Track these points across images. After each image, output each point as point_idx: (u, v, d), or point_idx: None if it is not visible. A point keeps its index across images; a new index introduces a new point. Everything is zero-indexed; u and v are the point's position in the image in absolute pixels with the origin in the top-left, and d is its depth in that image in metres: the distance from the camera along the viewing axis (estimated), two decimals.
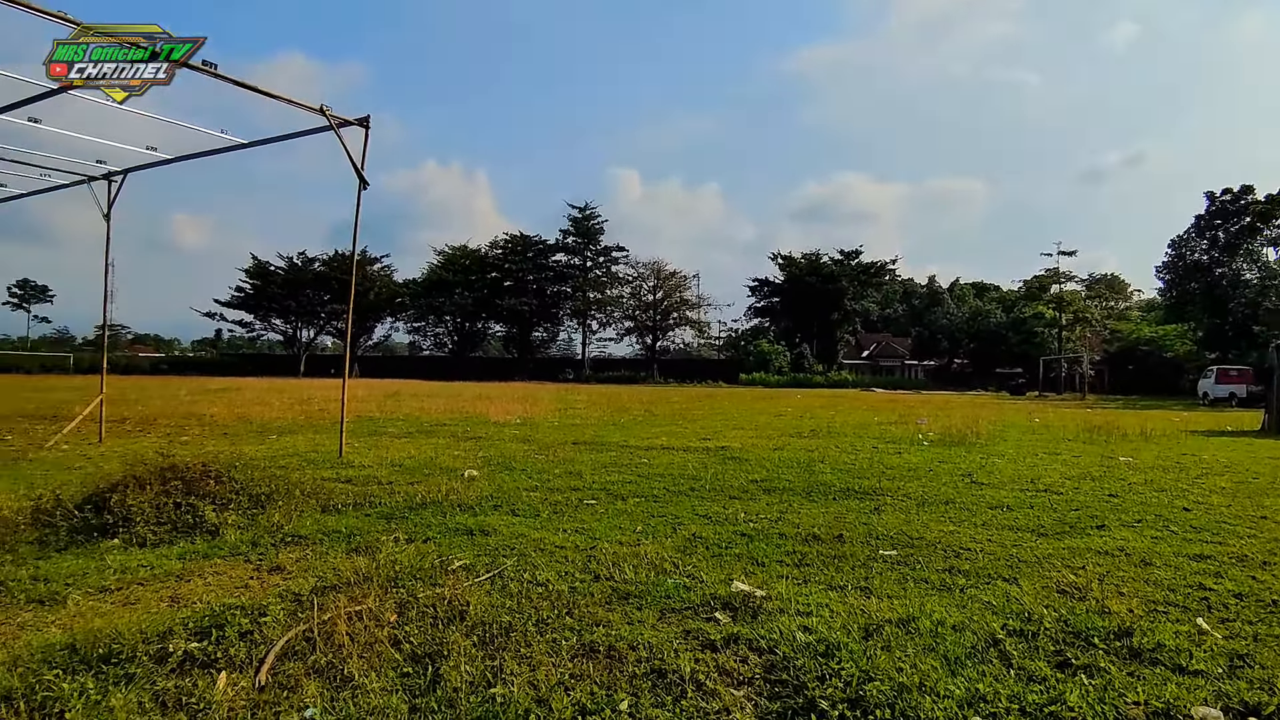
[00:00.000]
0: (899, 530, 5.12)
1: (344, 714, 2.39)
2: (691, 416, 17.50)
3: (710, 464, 8.48)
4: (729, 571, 4.04)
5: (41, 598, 3.50)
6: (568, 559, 4.25)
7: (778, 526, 5.21)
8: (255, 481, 5.58)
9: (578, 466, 8.11)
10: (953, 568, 4.19)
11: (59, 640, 2.89)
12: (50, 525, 4.70)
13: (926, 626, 3.11)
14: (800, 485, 7.02)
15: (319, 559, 4.21)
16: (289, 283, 71.20)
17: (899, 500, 6.33)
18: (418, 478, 7.06)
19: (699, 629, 3.14)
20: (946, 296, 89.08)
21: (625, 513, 5.69)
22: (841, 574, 4.05)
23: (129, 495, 4.85)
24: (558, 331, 77.00)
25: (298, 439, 10.66)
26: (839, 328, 71.01)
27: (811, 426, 14.51)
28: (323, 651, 2.81)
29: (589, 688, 2.58)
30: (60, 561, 4.08)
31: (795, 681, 2.62)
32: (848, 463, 8.76)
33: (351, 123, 8.01)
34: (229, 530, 4.73)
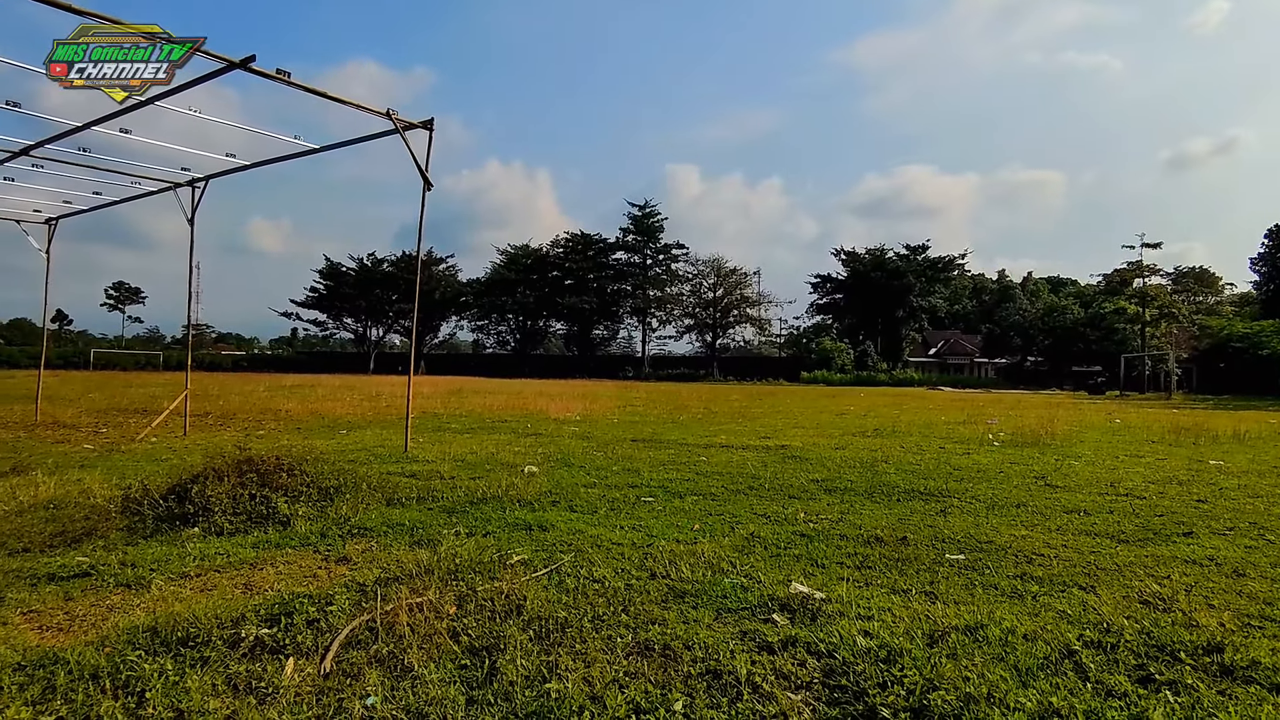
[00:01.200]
0: (967, 534, 4.94)
1: (404, 703, 2.43)
2: (751, 414, 17.32)
3: (770, 462, 8.37)
4: (788, 572, 3.96)
5: (129, 582, 3.70)
6: (624, 556, 4.25)
7: (839, 527, 5.09)
8: (324, 475, 5.78)
9: (636, 464, 8.12)
10: (1024, 574, 4.01)
11: (143, 623, 3.04)
12: (138, 513, 4.97)
13: (996, 635, 2.98)
14: (863, 485, 6.86)
15: (383, 551, 4.33)
16: (359, 283, 73.77)
17: (967, 503, 6.10)
18: (479, 473, 7.18)
19: (756, 630, 3.08)
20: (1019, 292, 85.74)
21: (683, 511, 5.65)
22: (905, 578, 3.92)
23: (208, 486, 5.09)
24: (618, 329, 77.46)
25: (366, 434, 11.00)
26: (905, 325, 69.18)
27: (875, 425, 14.17)
28: (384, 641, 2.87)
29: (644, 686, 2.56)
30: (146, 548, 4.30)
31: (855, 687, 2.55)
32: (913, 463, 8.51)
33: (416, 125, 8.20)
34: (299, 521, 4.91)
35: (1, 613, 3.25)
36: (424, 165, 8.28)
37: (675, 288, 74.84)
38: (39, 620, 3.20)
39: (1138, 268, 55.90)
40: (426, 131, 8.28)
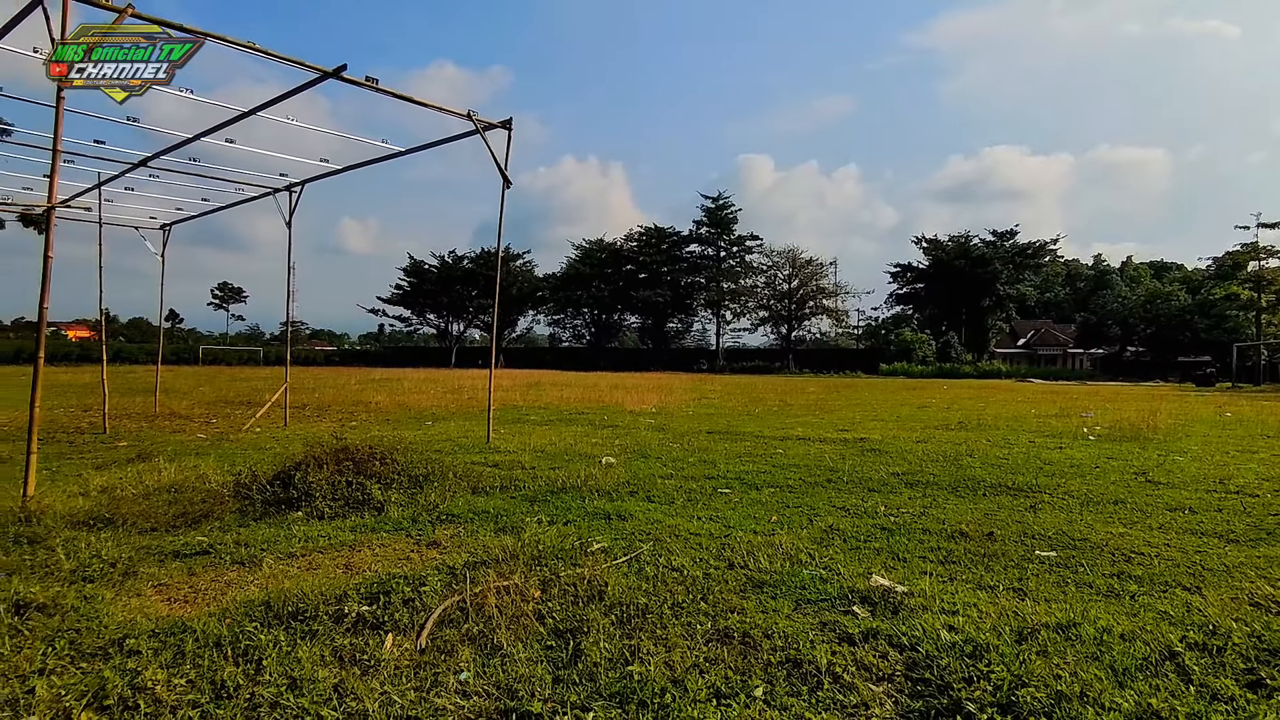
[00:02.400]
0: (1059, 530, 4.75)
1: (494, 680, 2.56)
2: (828, 407, 17.03)
3: (848, 455, 8.24)
4: (868, 565, 3.92)
5: (243, 560, 4.01)
6: (702, 546, 4.30)
7: (921, 521, 4.99)
8: (414, 464, 6.06)
9: (712, 455, 8.14)
10: (1122, 573, 3.83)
11: (257, 597, 3.30)
12: (248, 498, 5.36)
13: (1090, 634, 2.87)
14: (946, 479, 6.67)
15: (470, 536, 4.52)
16: (441, 280, 76.22)
17: (1059, 498, 5.86)
18: (558, 463, 7.36)
19: (836, 621, 3.08)
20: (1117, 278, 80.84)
21: (760, 502, 5.65)
22: (992, 574, 3.82)
23: (310, 473, 5.43)
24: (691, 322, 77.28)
25: (450, 425, 11.42)
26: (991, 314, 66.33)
27: (959, 419, 13.70)
28: (474, 621, 3.02)
29: (724, 672, 2.60)
30: (256, 530, 4.63)
31: (939, 681, 2.52)
32: (1000, 457, 8.21)
33: (496, 125, 8.44)
34: (392, 507, 5.19)
35: (136, 585, 3.59)
36: (503, 164, 8.51)
37: (749, 280, 74.07)
38: (167, 593, 3.51)
39: (1252, 249, 51.63)
40: (505, 131, 8.50)
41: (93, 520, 4.69)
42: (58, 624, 3.01)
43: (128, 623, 3.04)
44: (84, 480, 5.97)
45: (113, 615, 3.13)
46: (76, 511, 4.84)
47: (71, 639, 2.87)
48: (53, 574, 3.66)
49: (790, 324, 72.13)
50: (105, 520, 4.70)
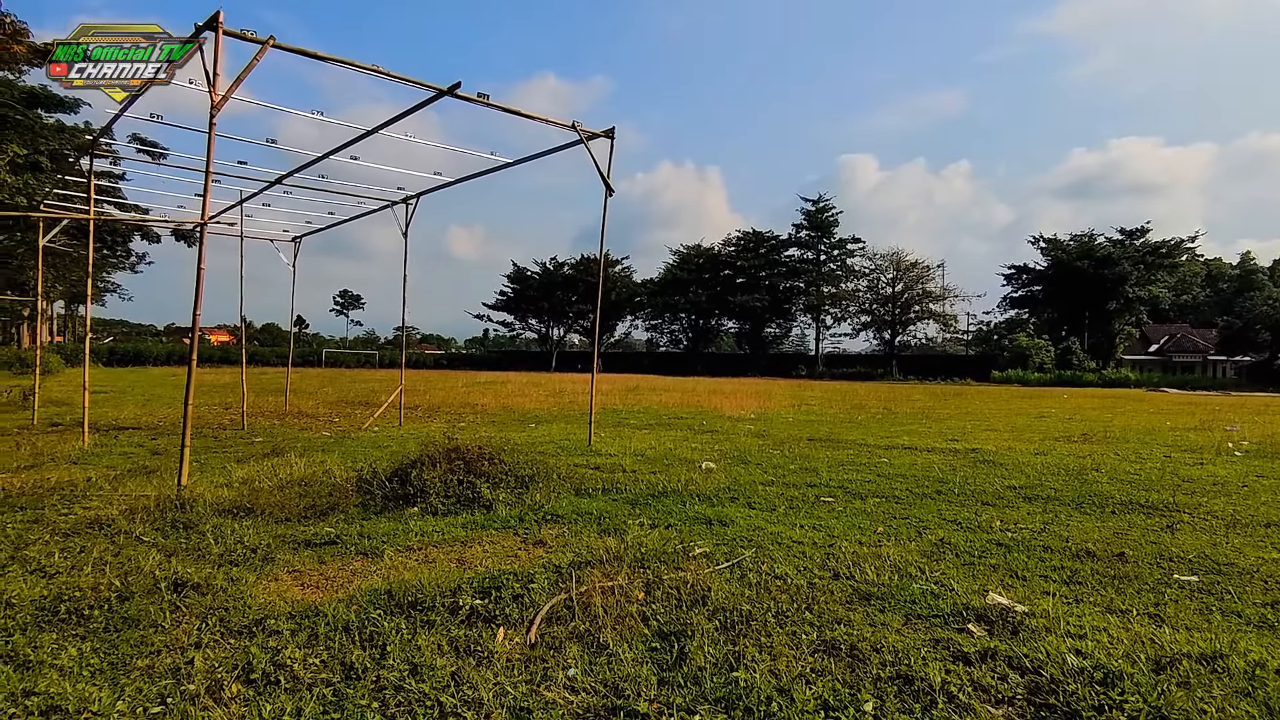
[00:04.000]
0: (1200, 553, 4.37)
1: (601, 678, 2.62)
2: (936, 415, 16.32)
3: (959, 466, 7.88)
4: (983, 582, 3.75)
5: (366, 551, 4.27)
6: (805, 554, 4.23)
7: (1041, 538, 4.71)
8: (520, 464, 6.27)
9: (813, 463, 7.98)
10: (1276, 602, 3.49)
11: (380, 586, 3.51)
12: (369, 493, 5.70)
13: (1239, 666, 2.64)
14: (1069, 495, 6.26)
15: (574, 536, 4.63)
16: (543, 286, 78.33)
17: (1200, 519, 5.39)
18: (658, 467, 7.42)
19: (950, 639, 2.96)
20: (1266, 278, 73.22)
21: (864, 512, 5.50)
22: (1124, 597, 3.57)
23: (424, 471, 5.72)
24: (790, 327, 75.86)
25: (553, 428, 11.73)
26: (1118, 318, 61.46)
27: (1082, 430, 12.81)
28: (581, 619, 3.10)
29: (831, 684, 2.56)
30: (377, 523, 4.92)
31: (1066, 708, 2.38)
32: (1130, 472, 7.62)
33: (599, 135, 8.63)
34: (500, 506, 5.39)
35: (273, 570, 3.90)
36: (606, 172, 8.69)
37: (851, 283, 71.97)
38: (301, 578, 3.79)
39: None
40: (608, 140, 8.68)
41: (235, 509, 5.13)
42: (209, 602, 3.32)
43: (268, 604, 3.31)
44: (228, 472, 6.53)
45: (255, 597, 3.43)
46: (222, 501, 5.30)
47: (221, 616, 3.15)
48: (204, 556, 4.04)
49: (894, 329, 69.53)
50: (246, 509, 5.13)
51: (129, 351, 54.22)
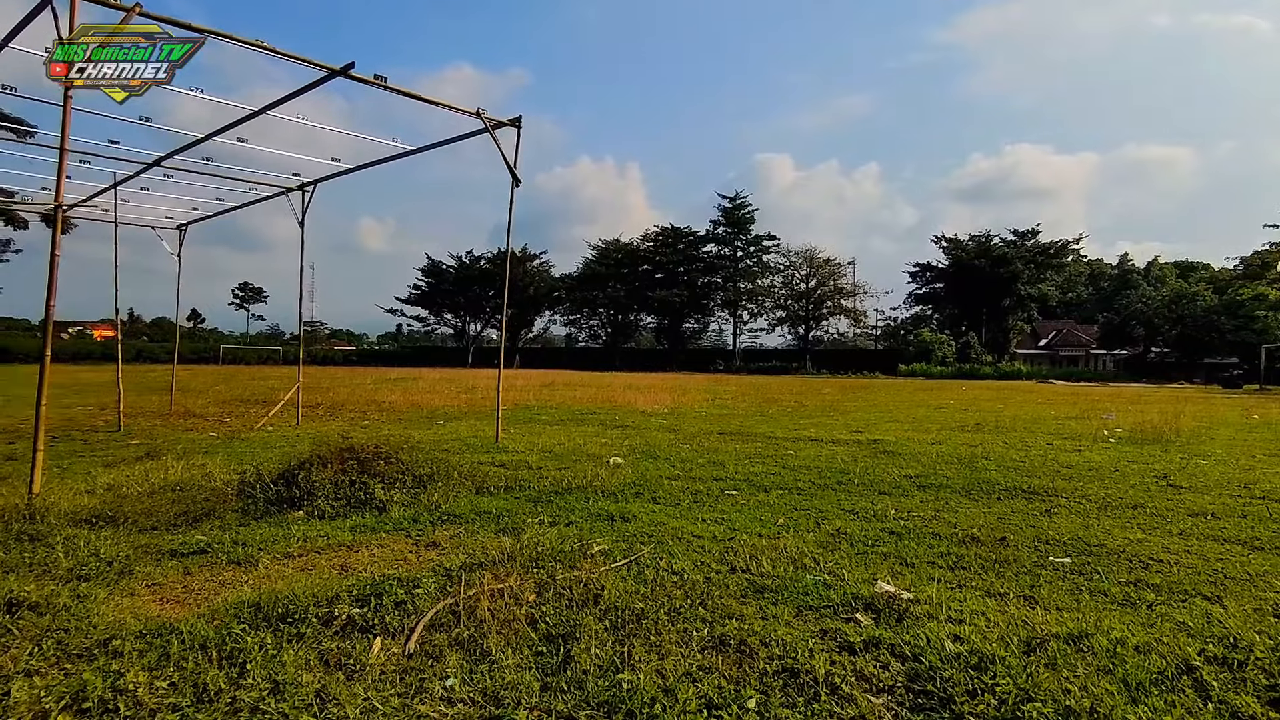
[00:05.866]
0: (1074, 535, 4.61)
1: (481, 686, 2.49)
2: (843, 408, 16.84)
3: (860, 457, 8.10)
4: (874, 571, 3.81)
5: (239, 560, 3.97)
6: (705, 549, 4.21)
7: (931, 525, 4.86)
8: (419, 463, 6.02)
9: (721, 456, 8.04)
10: (1139, 580, 3.69)
11: (249, 598, 3.25)
12: (251, 497, 5.33)
13: (1103, 645, 2.75)
14: (960, 482, 6.53)
15: (470, 537, 4.46)
16: (458, 280, 76.61)
17: (1076, 502, 5.70)
18: (566, 464, 7.30)
19: (837, 629, 2.98)
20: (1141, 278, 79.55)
21: (767, 504, 5.55)
22: (1003, 580, 3.70)
23: (313, 473, 5.41)
24: (708, 322, 77.13)
25: (461, 425, 11.41)
26: (1011, 315, 65.46)
27: (976, 420, 13.48)
28: (466, 625, 2.95)
29: (717, 681, 2.52)
30: (256, 529, 4.60)
31: (941, 694, 2.41)
32: (1016, 459, 8.03)
33: (505, 123, 8.39)
34: (394, 507, 5.14)
35: (130, 584, 3.56)
36: (513, 162, 8.46)
37: (767, 279, 73.78)
38: (161, 592, 3.48)
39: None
40: (515, 129, 8.45)
41: (96, 518, 4.69)
42: (48, 623, 2.98)
43: (117, 623, 3.01)
44: (91, 478, 6.00)
45: (103, 615, 3.10)
46: (81, 509, 4.85)
47: (59, 639, 2.83)
48: (49, 572, 3.65)
49: (808, 324, 71.69)
50: (108, 518, 4.70)
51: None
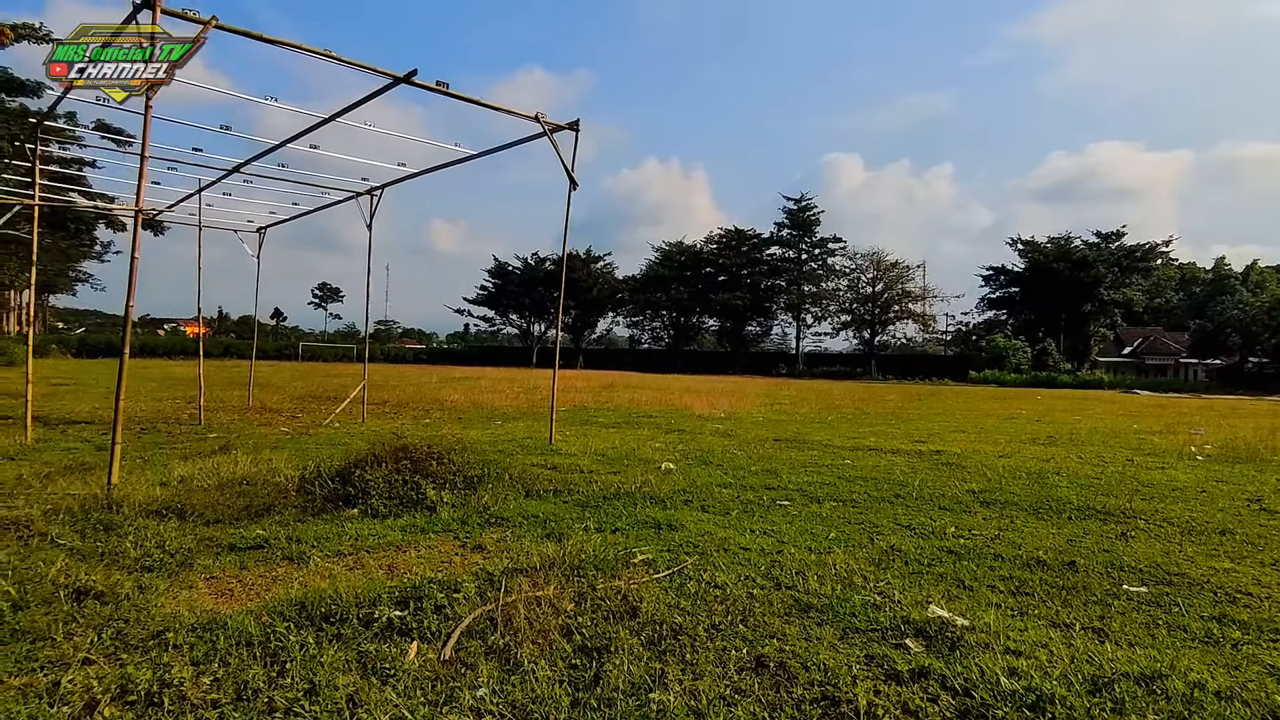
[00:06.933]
0: (1152, 562, 4.30)
1: (511, 698, 2.47)
2: (907, 416, 16.32)
3: (921, 469, 7.81)
4: (927, 593, 3.64)
5: (292, 556, 4.08)
6: (751, 562, 4.11)
7: (994, 546, 4.62)
8: (470, 464, 6.10)
9: (775, 465, 7.88)
10: (1224, 616, 3.41)
11: (295, 596, 3.33)
12: (310, 493, 5.50)
13: (1178, 689, 2.54)
14: (1027, 500, 6.20)
15: (515, 541, 4.47)
16: (524, 281, 77.82)
17: (1156, 525, 5.34)
18: (617, 468, 7.28)
19: (884, 655, 2.84)
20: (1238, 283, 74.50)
21: (819, 517, 5.39)
22: (1069, 609, 3.47)
23: (368, 471, 5.54)
24: (771, 326, 75.99)
25: (518, 426, 11.54)
26: (1093, 321, 62.18)
27: (1049, 432, 12.84)
28: (502, 634, 2.94)
29: (751, 706, 2.43)
30: (312, 525, 4.73)
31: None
32: (1091, 476, 7.59)
33: (563, 127, 8.44)
34: (444, 508, 5.21)
35: (189, 576, 3.70)
36: (570, 165, 8.51)
37: (831, 282, 72.30)
38: (216, 585, 3.60)
39: None
40: (573, 132, 8.50)
41: (166, 510, 4.91)
42: (109, 613, 3.12)
43: (172, 615, 3.12)
44: (167, 470, 6.31)
45: (161, 607, 3.23)
46: (153, 500, 5.08)
47: (119, 629, 2.96)
48: (117, 562, 3.83)
49: (873, 328, 69.88)
50: (177, 510, 4.91)
51: (100, 342, 52.99)
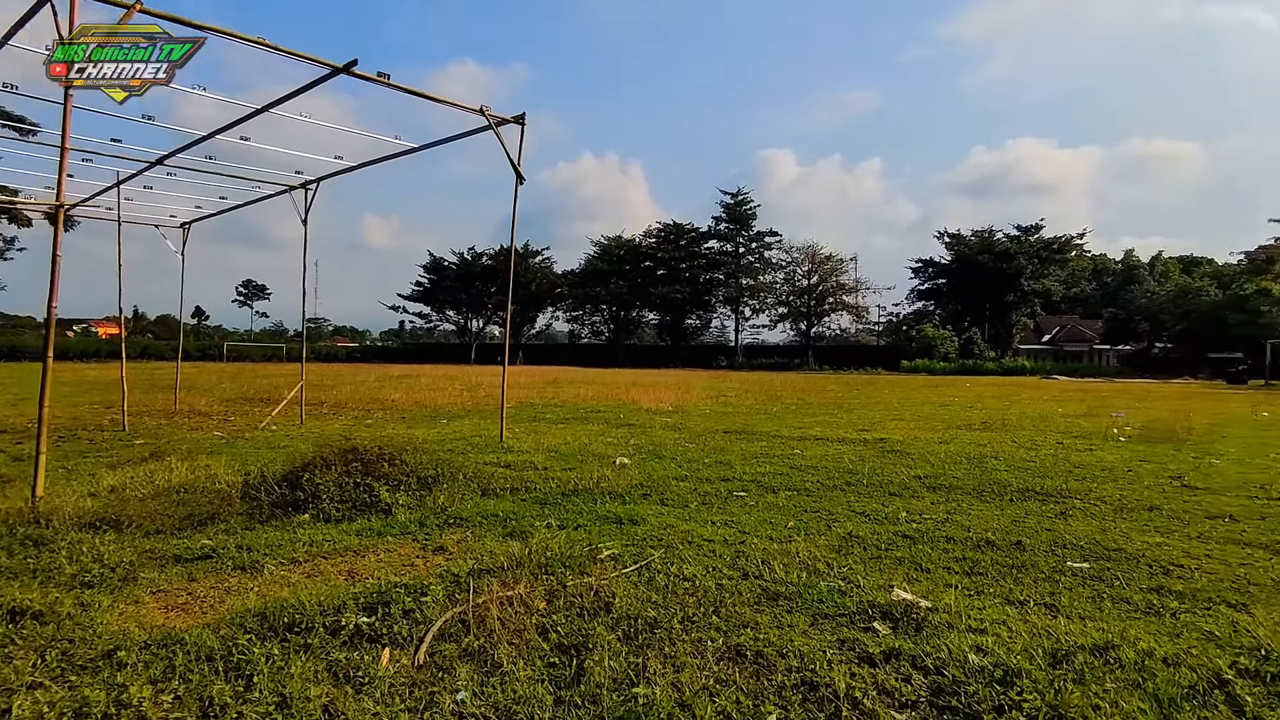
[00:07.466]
0: (1091, 539, 4.54)
1: (493, 700, 2.43)
2: (848, 405, 16.77)
3: (868, 457, 8.04)
4: (889, 576, 3.75)
5: (245, 565, 3.92)
6: (715, 553, 4.15)
7: (944, 529, 4.80)
8: (424, 465, 5.96)
9: (728, 456, 7.98)
10: (1161, 587, 3.63)
11: (254, 607, 3.20)
12: (256, 499, 5.28)
13: (1130, 657, 2.69)
14: (970, 483, 6.46)
15: (477, 541, 4.40)
16: (461, 276, 76.49)
17: (1090, 504, 5.63)
18: (571, 464, 7.24)
19: (855, 639, 2.92)
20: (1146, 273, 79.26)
21: (776, 506, 5.49)
22: (1021, 587, 3.63)
23: (317, 475, 5.35)
24: (710, 319, 76.92)
25: (465, 424, 11.35)
26: (1015, 310, 65.19)
27: (983, 418, 13.39)
28: (476, 635, 2.90)
29: (734, 695, 2.46)
30: (261, 533, 4.55)
31: (967, 710, 2.35)
32: (1026, 459, 7.96)
33: (508, 120, 8.31)
34: (400, 510, 5.08)
35: (134, 591, 3.51)
36: (516, 159, 8.38)
37: (768, 276, 73.69)
38: (165, 600, 3.43)
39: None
40: (518, 126, 8.37)
41: (100, 522, 4.64)
42: (51, 633, 2.93)
43: (121, 633, 2.95)
44: (96, 480, 5.96)
45: (108, 624, 3.05)
46: (84, 513, 4.79)
47: (64, 649, 2.78)
48: (53, 579, 3.60)
49: (810, 320, 71.56)
50: (112, 522, 4.65)
51: (3, 346, 49.52)
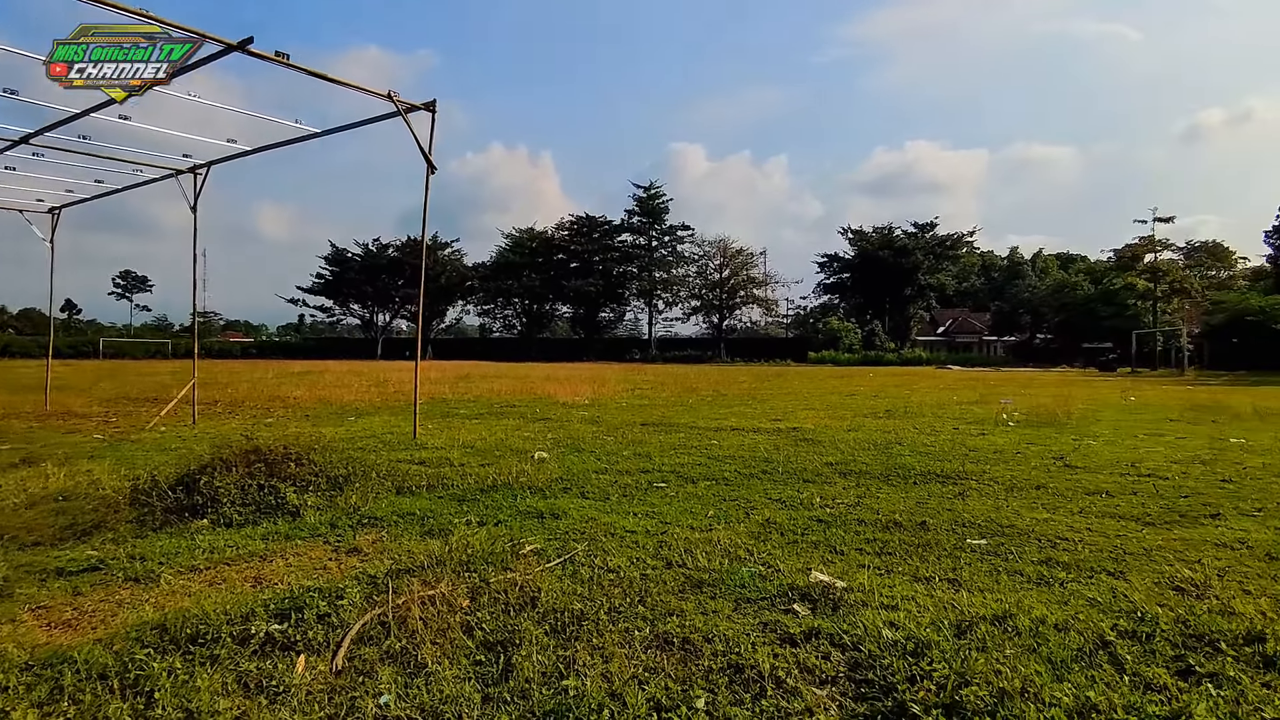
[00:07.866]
0: (987, 517, 4.85)
1: (418, 701, 2.37)
2: (761, 396, 17.22)
3: (782, 446, 8.28)
4: (806, 560, 3.88)
5: (138, 576, 3.65)
6: (638, 544, 4.18)
7: (856, 512, 5.01)
8: (333, 464, 5.72)
9: (646, 448, 8.04)
10: (1050, 559, 3.91)
11: (152, 619, 2.99)
12: (147, 505, 4.92)
13: (1025, 625, 2.89)
14: (878, 468, 6.76)
15: (394, 541, 4.27)
16: (365, 269, 73.71)
17: (985, 485, 6.01)
18: (489, 459, 7.12)
19: (777, 621, 3.00)
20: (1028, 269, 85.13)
21: (696, 496, 5.58)
22: (927, 564, 3.84)
23: (216, 477, 5.04)
24: (624, 312, 77.17)
25: (374, 421, 10.96)
26: (912, 303, 68.73)
27: (886, 406, 14.05)
28: (397, 636, 2.81)
29: (664, 682, 2.49)
30: (155, 541, 4.25)
31: (883, 682, 2.47)
32: (927, 444, 8.40)
33: (418, 107, 8.05)
34: (309, 512, 4.86)
35: (10, 609, 3.20)
36: (427, 148, 8.14)
37: (681, 269, 74.58)
38: (47, 616, 3.15)
39: (1149, 242, 55.14)
40: (429, 113, 8.13)
41: None
42: None
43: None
44: None
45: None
46: None
47: None
48: None
49: (722, 313, 72.94)
50: None
51: None
